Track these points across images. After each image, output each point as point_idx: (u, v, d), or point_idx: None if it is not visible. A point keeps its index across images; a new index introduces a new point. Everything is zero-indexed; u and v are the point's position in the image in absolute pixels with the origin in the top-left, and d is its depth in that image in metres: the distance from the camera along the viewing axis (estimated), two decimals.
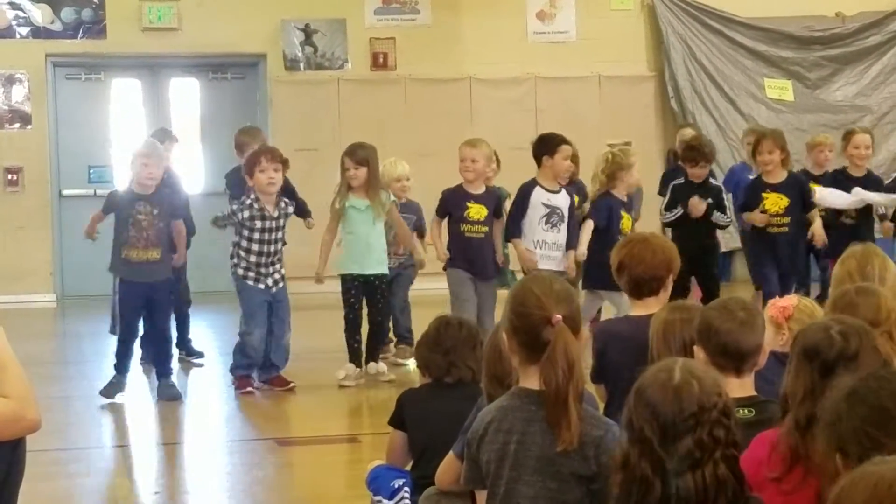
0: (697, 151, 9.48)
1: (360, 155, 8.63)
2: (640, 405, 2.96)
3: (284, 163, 8.64)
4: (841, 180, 9.77)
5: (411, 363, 9.20)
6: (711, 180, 9.54)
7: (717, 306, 3.86)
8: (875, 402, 2.81)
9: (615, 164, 8.91)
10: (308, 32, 14.69)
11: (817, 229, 9.30)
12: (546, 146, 8.75)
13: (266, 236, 8.49)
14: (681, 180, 9.47)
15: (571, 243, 8.75)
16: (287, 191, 9.48)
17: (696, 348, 3.80)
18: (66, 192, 14.54)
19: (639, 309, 4.90)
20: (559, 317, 3.44)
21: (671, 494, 2.90)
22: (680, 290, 8.52)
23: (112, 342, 8.61)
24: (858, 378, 2.91)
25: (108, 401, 8.24)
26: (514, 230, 8.71)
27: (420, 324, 9.18)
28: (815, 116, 15.45)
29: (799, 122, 15.16)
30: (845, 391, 2.86)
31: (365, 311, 8.73)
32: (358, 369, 8.65)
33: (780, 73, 15.70)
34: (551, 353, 3.41)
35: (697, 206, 9.08)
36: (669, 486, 2.90)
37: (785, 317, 4.45)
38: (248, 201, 8.51)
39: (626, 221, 8.89)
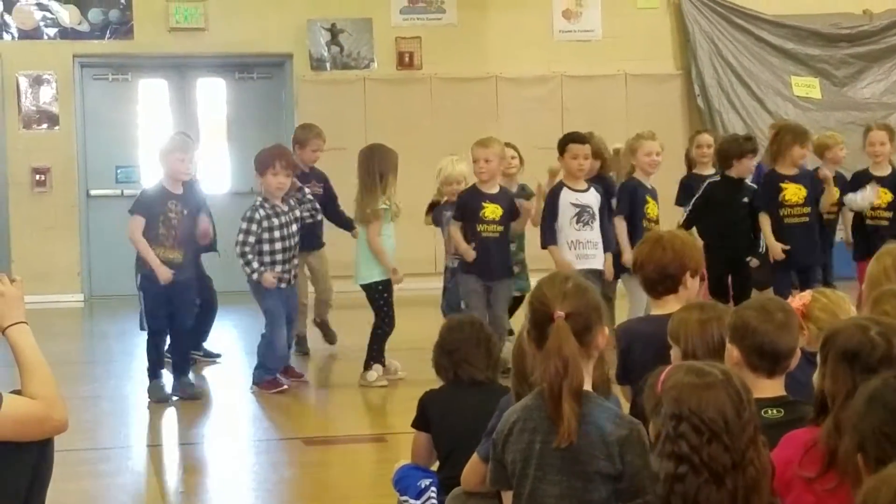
0: (752, 142, 9.48)
1: None
2: (704, 404, 2.99)
3: (295, 169, 8.68)
4: (863, 181, 9.70)
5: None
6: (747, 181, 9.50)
7: (755, 306, 3.84)
8: (893, 404, 2.81)
9: (627, 147, 8.97)
10: (334, 32, 14.71)
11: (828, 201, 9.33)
12: (559, 148, 8.77)
13: (285, 231, 8.48)
14: (716, 177, 9.39)
15: (608, 245, 8.73)
16: (326, 184, 9.54)
17: (729, 346, 3.78)
18: (93, 192, 14.60)
19: (659, 308, 4.88)
20: (561, 313, 3.46)
21: (739, 480, 2.97)
22: (718, 289, 8.51)
23: (140, 342, 8.63)
24: (881, 379, 2.91)
25: (156, 402, 8.27)
26: (549, 237, 8.66)
27: (414, 322, 9.24)
28: (843, 114, 15.37)
29: (826, 119, 15.07)
30: (868, 392, 2.86)
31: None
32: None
33: (808, 71, 15.63)
34: (546, 350, 3.44)
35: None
36: (747, 470, 2.98)
37: (803, 315, 4.42)
38: (258, 202, 8.51)
39: (651, 207, 8.86)
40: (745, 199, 9.20)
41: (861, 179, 9.74)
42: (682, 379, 3.06)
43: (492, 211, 8.61)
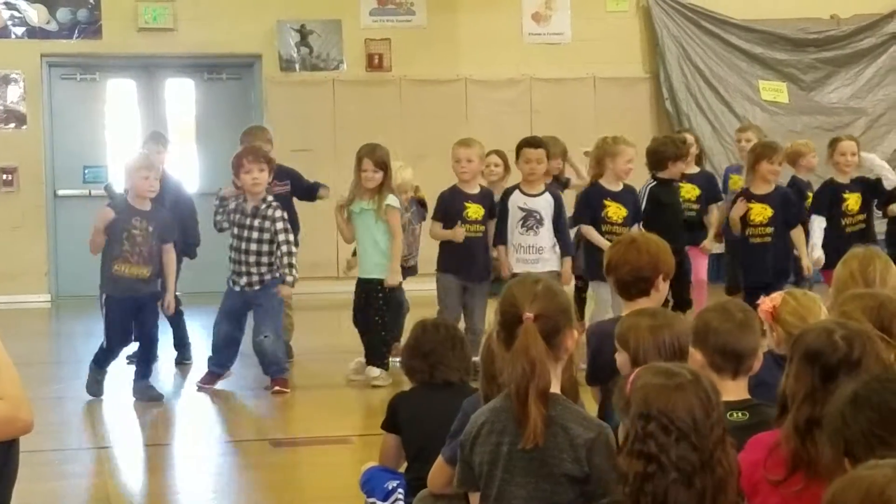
0: (686, 144, 9.67)
1: (380, 157, 8.64)
2: (672, 404, 3.00)
3: (269, 162, 8.63)
4: (829, 189, 9.70)
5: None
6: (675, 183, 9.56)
7: (715, 308, 3.90)
8: (881, 405, 2.83)
9: (602, 150, 8.90)
10: (303, 33, 14.69)
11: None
12: (516, 151, 8.83)
13: (238, 232, 8.51)
14: (653, 182, 9.44)
15: (566, 249, 8.75)
16: (291, 177, 9.43)
17: (692, 351, 3.81)
18: (60, 192, 14.54)
19: (630, 310, 4.89)
20: (530, 315, 3.46)
21: (707, 480, 2.99)
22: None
23: None
24: (861, 382, 2.92)
25: (93, 398, 8.30)
26: (497, 237, 8.74)
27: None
28: (810, 118, 15.48)
29: (793, 124, 15.18)
30: (848, 396, 2.87)
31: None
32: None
33: (775, 75, 15.72)
34: (513, 351, 3.45)
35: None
36: (715, 470, 3.00)
37: (773, 317, 4.45)
38: (241, 198, 8.59)
39: (612, 210, 8.74)
40: (679, 201, 9.34)
41: (828, 191, 9.67)
42: (651, 380, 3.08)
43: (474, 211, 8.71)
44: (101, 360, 8.47)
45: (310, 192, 9.54)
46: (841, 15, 15.87)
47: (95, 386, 8.43)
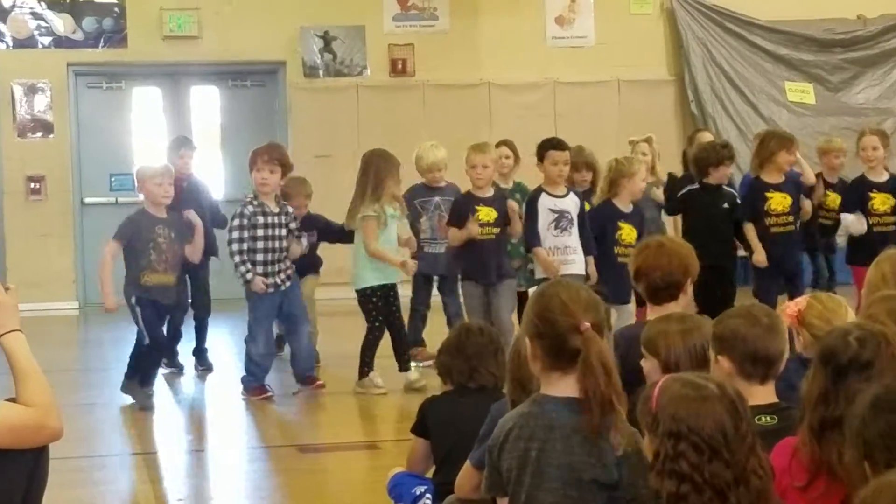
0: (729, 149, 9.56)
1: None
2: (702, 419, 2.99)
3: (285, 165, 8.63)
4: (858, 187, 9.67)
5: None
6: (724, 186, 9.50)
7: (740, 313, 3.84)
8: None
9: (617, 172, 8.86)
10: (327, 39, 14.72)
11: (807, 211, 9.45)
12: (538, 152, 8.87)
13: (269, 232, 8.49)
14: (695, 185, 9.39)
15: (588, 249, 8.77)
16: (317, 226, 9.40)
17: (720, 358, 3.76)
18: (88, 199, 14.61)
19: (657, 314, 4.87)
20: (588, 324, 3.42)
21: (742, 494, 2.98)
22: (706, 297, 8.46)
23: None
24: (883, 385, 2.91)
25: (141, 409, 8.31)
26: (532, 239, 8.74)
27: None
28: (837, 119, 15.39)
29: (820, 125, 15.10)
30: (869, 399, 2.86)
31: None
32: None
33: (801, 76, 15.65)
34: (587, 362, 3.39)
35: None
36: (750, 482, 2.98)
37: (798, 320, 4.43)
38: (249, 198, 8.58)
39: (626, 232, 8.71)
40: (726, 205, 9.22)
41: (857, 188, 9.68)
42: (678, 393, 3.05)
43: (486, 213, 8.72)
44: (145, 373, 8.47)
45: (341, 234, 9.33)
46: (867, 15, 15.79)
47: (146, 400, 8.41)
